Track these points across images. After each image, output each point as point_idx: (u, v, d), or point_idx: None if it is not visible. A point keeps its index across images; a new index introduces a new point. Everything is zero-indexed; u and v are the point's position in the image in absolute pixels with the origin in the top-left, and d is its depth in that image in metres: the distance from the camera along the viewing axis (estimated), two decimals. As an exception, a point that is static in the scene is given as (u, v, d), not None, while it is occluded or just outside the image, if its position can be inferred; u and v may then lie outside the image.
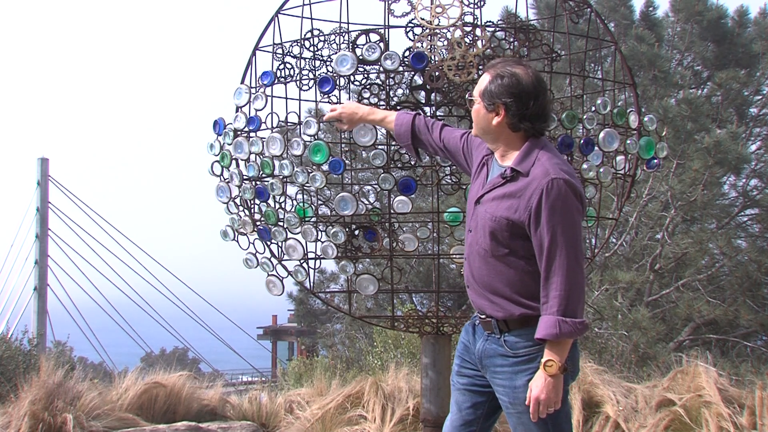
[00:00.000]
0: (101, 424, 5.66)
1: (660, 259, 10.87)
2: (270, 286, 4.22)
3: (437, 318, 4.17)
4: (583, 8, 4.31)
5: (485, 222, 2.79)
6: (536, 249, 2.70)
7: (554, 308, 2.64)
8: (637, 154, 4.24)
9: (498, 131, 2.82)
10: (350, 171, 4.70)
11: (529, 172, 2.73)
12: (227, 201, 4.25)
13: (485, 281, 2.83)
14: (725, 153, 10.27)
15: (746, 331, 10.99)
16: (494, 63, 2.86)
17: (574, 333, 2.64)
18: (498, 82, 2.77)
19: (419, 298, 16.28)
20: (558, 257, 2.65)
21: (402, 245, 4.14)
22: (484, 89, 2.81)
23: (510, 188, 2.76)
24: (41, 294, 29.44)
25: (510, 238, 2.75)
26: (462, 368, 3.02)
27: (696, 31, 13.08)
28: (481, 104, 2.83)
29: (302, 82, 4.09)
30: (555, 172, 2.68)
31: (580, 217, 2.74)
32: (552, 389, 2.67)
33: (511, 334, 2.79)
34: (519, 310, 2.76)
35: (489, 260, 2.81)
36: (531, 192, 2.69)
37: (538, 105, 2.78)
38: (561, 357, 2.66)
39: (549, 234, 2.65)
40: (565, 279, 2.64)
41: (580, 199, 2.72)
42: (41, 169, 30.09)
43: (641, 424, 5.44)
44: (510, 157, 2.82)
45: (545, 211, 2.65)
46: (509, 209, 2.74)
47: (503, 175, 2.79)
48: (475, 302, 2.91)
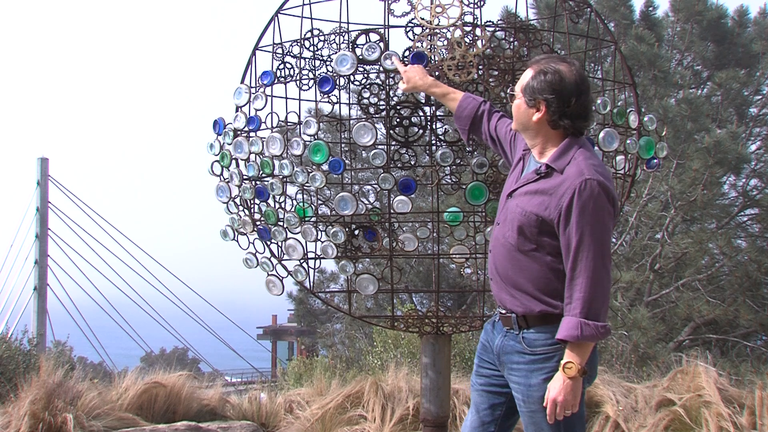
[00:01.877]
0: (101, 424, 5.66)
1: (660, 259, 10.88)
2: (270, 285, 4.22)
3: (437, 318, 4.17)
4: (583, 8, 4.31)
5: (515, 216, 2.78)
6: (563, 248, 2.67)
7: (577, 310, 2.61)
8: (637, 154, 4.24)
9: (537, 127, 2.80)
10: (350, 171, 4.70)
11: (564, 170, 2.71)
12: (227, 201, 4.25)
13: (508, 275, 2.81)
14: (725, 153, 10.27)
15: (746, 331, 10.99)
16: (538, 59, 2.84)
17: (595, 336, 2.61)
18: (540, 78, 2.75)
19: (419, 298, 16.28)
20: (585, 259, 2.62)
21: (402, 245, 4.14)
22: (526, 84, 2.79)
23: (543, 185, 2.74)
24: (41, 294, 29.46)
25: (538, 234, 2.73)
26: (480, 368, 2.99)
27: (696, 31, 13.08)
28: (522, 99, 2.81)
29: (302, 82, 4.09)
30: (589, 173, 2.66)
31: (611, 220, 2.70)
32: (570, 392, 2.64)
33: (530, 331, 2.77)
34: (539, 306, 2.74)
35: (514, 254, 2.79)
36: (563, 191, 2.67)
37: (579, 103, 2.76)
38: (581, 359, 2.63)
39: (577, 234, 2.62)
40: (590, 281, 2.61)
41: (612, 201, 2.69)
42: (41, 169, 30.10)
43: (641, 424, 5.44)
44: (547, 153, 2.80)
45: (576, 212, 2.63)
46: (540, 206, 2.72)
47: (538, 171, 2.77)
48: (496, 295, 2.89)
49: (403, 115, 3.96)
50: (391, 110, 3.93)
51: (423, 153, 4.12)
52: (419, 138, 3.94)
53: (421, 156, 4.18)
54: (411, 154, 4.01)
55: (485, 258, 4.17)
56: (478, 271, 4.45)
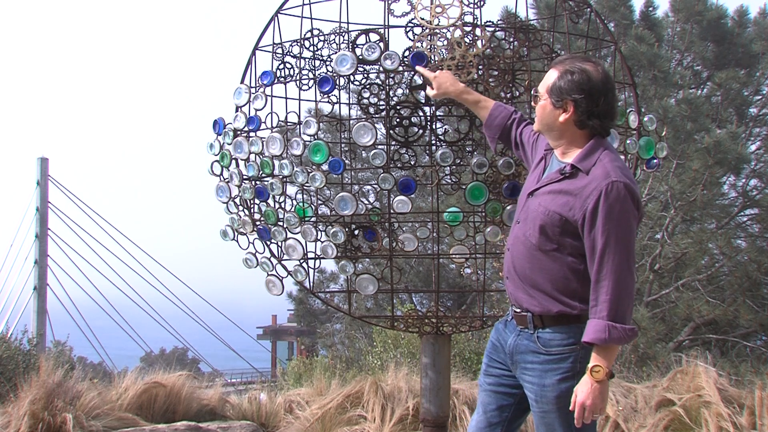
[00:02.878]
0: (101, 424, 5.66)
1: (660, 259, 10.88)
2: (270, 285, 4.22)
3: (437, 318, 4.17)
4: (583, 8, 4.31)
5: (537, 215, 2.76)
6: (588, 250, 2.66)
7: (604, 312, 2.60)
8: (637, 154, 4.24)
9: (564, 128, 2.78)
10: (350, 171, 4.70)
11: (590, 171, 2.69)
12: (227, 201, 4.25)
13: (527, 274, 2.79)
14: (725, 153, 10.27)
15: (746, 331, 10.99)
16: (562, 59, 2.82)
17: (623, 339, 2.60)
18: (568, 78, 2.73)
19: (419, 297, 16.28)
20: (611, 261, 2.60)
21: (402, 245, 4.14)
22: (552, 85, 2.77)
23: (568, 185, 2.72)
24: (41, 294, 29.45)
25: (560, 235, 2.71)
26: (489, 368, 2.97)
27: (696, 31, 13.08)
28: (548, 100, 2.78)
29: (302, 82, 4.09)
30: (616, 175, 2.64)
31: (636, 223, 2.70)
32: (598, 395, 2.63)
33: (546, 331, 2.75)
34: (557, 307, 2.72)
35: (534, 253, 2.77)
36: (589, 192, 2.65)
37: (607, 102, 2.75)
38: (608, 362, 2.61)
39: (603, 237, 2.61)
40: (616, 284, 2.60)
41: (637, 204, 2.69)
42: (41, 169, 30.10)
43: (641, 424, 5.44)
44: (571, 154, 2.79)
45: (602, 214, 2.61)
46: (564, 206, 2.70)
47: (562, 171, 2.76)
48: (512, 294, 2.86)
49: (403, 115, 3.96)
50: (390, 110, 3.93)
51: (423, 153, 4.12)
52: (419, 138, 3.94)
53: (421, 156, 4.18)
54: (411, 154, 4.01)
55: (485, 258, 4.17)
56: (478, 271, 4.45)
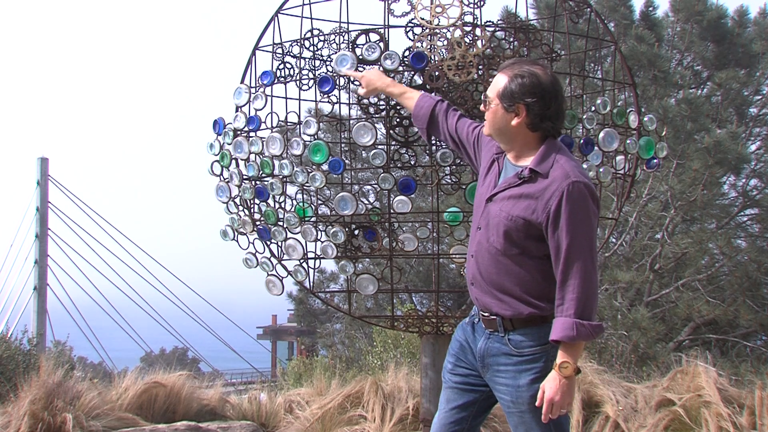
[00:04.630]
0: (101, 424, 5.66)
1: (660, 259, 10.87)
2: (270, 285, 4.22)
3: (437, 318, 4.17)
4: (583, 8, 4.31)
5: (499, 220, 2.77)
6: (553, 251, 2.68)
7: (571, 311, 2.63)
8: (637, 154, 4.24)
9: (516, 132, 2.78)
10: (350, 171, 4.70)
11: (548, 173, 2.70)
12: (227, 201, 4.25)
13: (493, 279, 2.80)
14: (725, 153, 10.26)
15: (746, 331, 10.98)
16: (509, 63, 2.82)
17: (590, 335, 2.64)
18: (518, 82, 2.73)
19: (419, 297, 16.27)
20: (576, 260, 2.64)
21: (402, 245, 4.14)
22: (504, 89, 2.76)
23: (527, 189, 2.73)
24: (41, 294, 29.45)
25: (525, 238, 2.73)
26: (457, 366, 2.98)
27: (696, 31, 13.07)
28: (499, 105, 2.78)
29: (302, 82, 4.10)
30: (575, 175, 2.67)
31: (596, 221, 2.74)
32: (566, 391, 2.66)
33: (516, 333, 2.78)
34: (528, 309, 2.75)
35: (500, 259, 2.78)
36: (551, 194, 2.67)
37: (557, 104, 2.76)
38: (575, 359, 2.66)
39: (568, 237, 2.64)
40: (582, 282, 2.63)
41: (596, 203, 2.72)
42: (41, 169, 30.09)
43: (641, 424, 5.44)
44: (525, 157, 2.80)
45: (565, 214, 2.64)
46: (527, 209, 2.71)
47: (520, 175, 2.76)
48: (479, 300, 2.88)
49: (403, 115, 3.96)
50: (391, 110, 3.93)
51: (423, 153, 4.12)
52: (419, 138, 3.94)
53: (421, 156, 4.18)
54: (411, 154, 4.02)
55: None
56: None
